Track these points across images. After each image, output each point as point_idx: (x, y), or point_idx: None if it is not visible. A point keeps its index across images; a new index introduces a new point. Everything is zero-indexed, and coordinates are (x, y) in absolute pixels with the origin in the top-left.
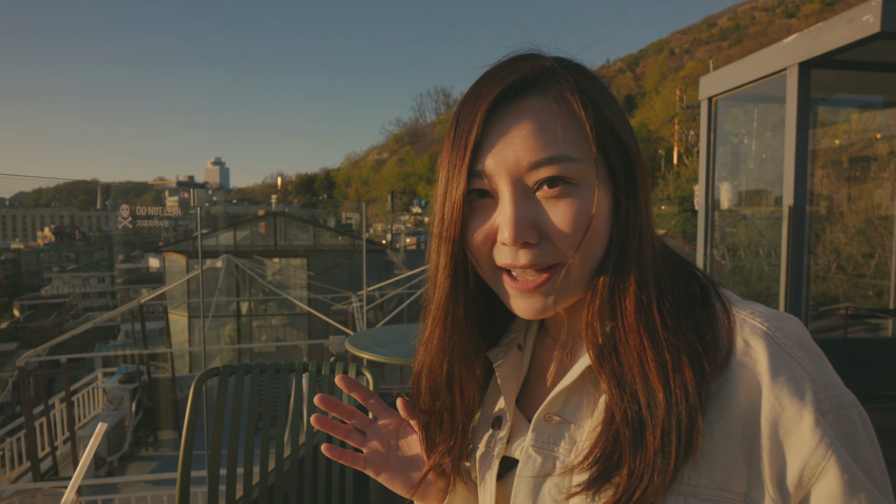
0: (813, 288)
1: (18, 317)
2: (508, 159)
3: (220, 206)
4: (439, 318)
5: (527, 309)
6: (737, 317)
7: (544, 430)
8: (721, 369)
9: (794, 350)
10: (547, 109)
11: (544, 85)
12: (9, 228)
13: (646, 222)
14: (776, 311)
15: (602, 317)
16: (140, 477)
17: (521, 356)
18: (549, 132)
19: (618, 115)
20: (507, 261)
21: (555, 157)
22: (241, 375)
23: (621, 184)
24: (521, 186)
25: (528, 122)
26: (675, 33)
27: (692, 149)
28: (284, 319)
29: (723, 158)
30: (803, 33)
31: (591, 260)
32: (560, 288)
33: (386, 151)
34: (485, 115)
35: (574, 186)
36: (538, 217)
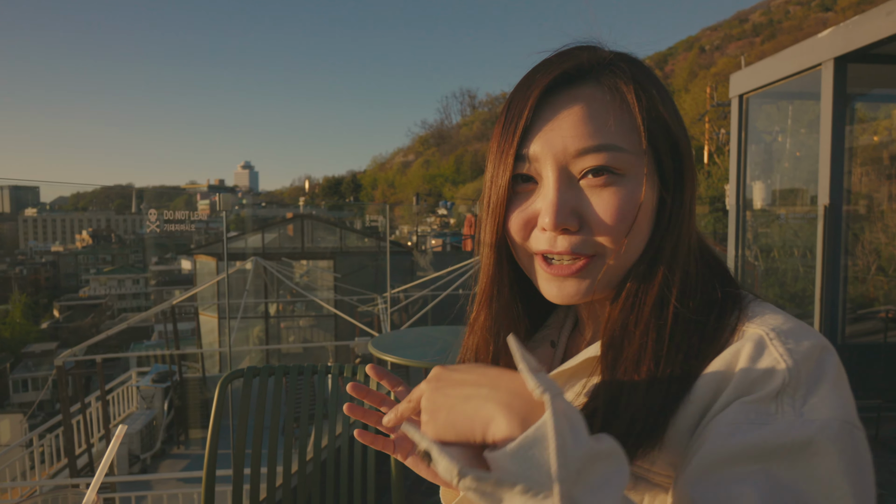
0: (851, 290)
1: (58, 317)
2: (556, 144)
3: (248, 209)
4: (485, 301)
5: (559, 294)
6: (745, 331)
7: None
8: (700, 370)
9: (787, 357)
10: (600, 98)
11: (599, 75)
12: (49, 232)
13: (687, 222)
14: (804, 325)
15: (623, 308)
16: (171, 475)
17: (554, 353)
18: (600, 120)
19: (671, 112)
20: (545, 246)
21: (603, 145)
22: (265, 377)
23: (668, 181)
24: (566, 173)
25: (579, 109)
26: (706, 30)
27: (723, 147)
28: (311, 321)
29: (756, 157)
30: (839, 27)
31: (629, 255)
32: (595, 278)
33: (412, 153)
34: (536, 100)
35: (620, 177)
36: (580, 205)
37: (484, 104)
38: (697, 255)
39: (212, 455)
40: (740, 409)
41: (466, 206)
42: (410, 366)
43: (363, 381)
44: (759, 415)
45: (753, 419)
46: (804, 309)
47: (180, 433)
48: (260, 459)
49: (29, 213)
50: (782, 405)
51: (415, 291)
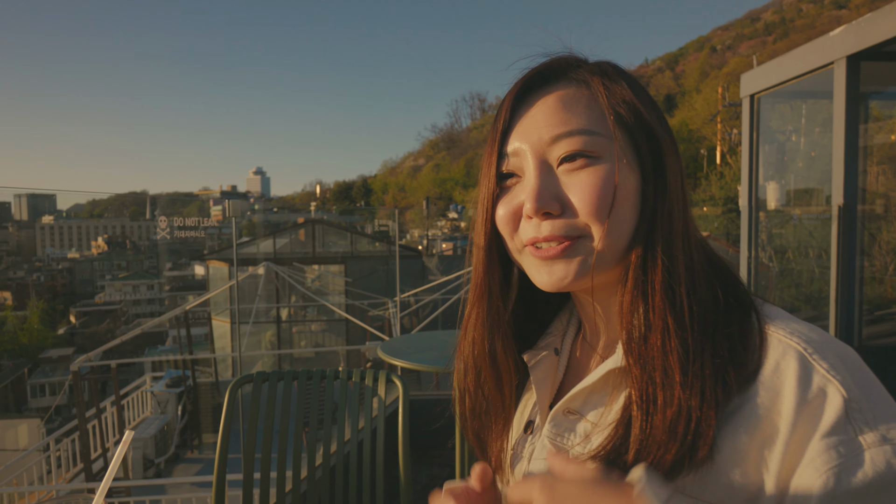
0: (868, 291)
1: (75, 323)
2: (532, 137)
3: (260, 215)
4: (476, 298)
5: (549, 278)
6: (773, 335)
7: (561, 424)
8: (745, 385)
9: (833, 372)
10: (570, 91)
11: (568, 72)
12: (65, 238)
13: (678, 206)
14: (825, 333)
15: (635, 297)
16: (185, 479)
17: (558, 361)
18: (571, 109)
19: (644, 100)
20: (532, 234)
21: (575, 130)
22: (274, 382)
23: (647, 164)
24: (545, 162)
25: (551, 101)
26: (717, 29)
27: (736, 148)
28: (323, 325)
29: (769, 157)
30: (851, 25)
31: (614, 235)
32: (583, 260)
33: (422, 157)
34: (512, 102)
35: (596, 159)
36: (559, 189)
37: (493, 107)
38: (701, 253)
39: (222, 460)
40: (827, 448)
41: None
42: (420, 370)
43: (371, 386)
44: (848, 447)
45: (845, 453)
46: (820, 310)
47: (194, 437)
48: (270, 464)
49: (46, 221)
50: (858, 426)
51: (425, 295)
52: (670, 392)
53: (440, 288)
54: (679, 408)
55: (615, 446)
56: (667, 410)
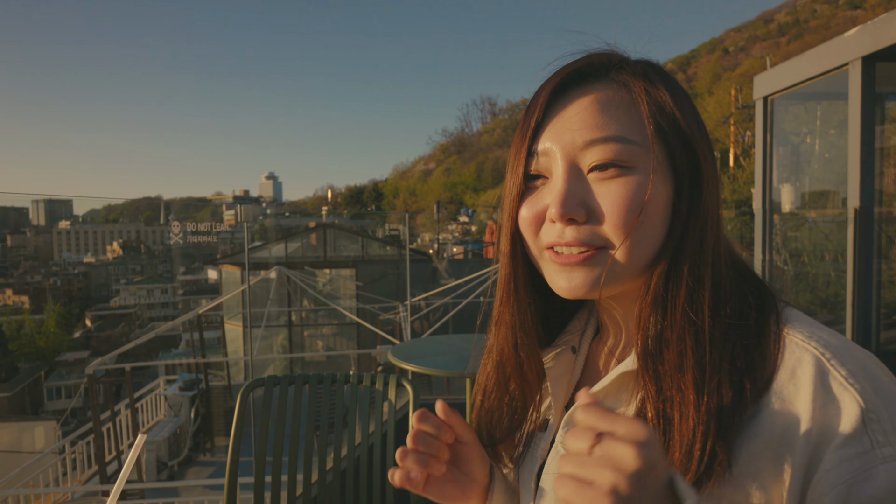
0: (886, 295)
1: (90, 326)
2: (565, 138)
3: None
4: (504, 298)
5: (567, 285)
6: (789, 339)
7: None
8: (760, 394)
9: (851, 380)
10: (609, 94)
11: (609, 72)
12: (81, 243)
13: (711, 222)
14: (844, 339)
15: (654, 311)
16: (198, 482)
17: (574, 360)
18: (608, 114)
19: (685, 109)
20: (553, 238)
21: (611, 136)
22: (285, 386)
23: (683, 177)
24: (575, 166)
25: (588, 103)
26: (730, 31)
27: (749, 150)
28: (334, 329)
29: (783, 159)
30: (866, 25)
31: (640, 249)
32: (603, 271)
33: (433, 161)
34: (547, 97)
35: (629, 170)
36: (587, 196)
37: (504, 111)
38: (728, 261)
39: (234, 463)
40: (841, 460)
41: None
42: (431, 374)
43: (382, 390)
44: (863, 460)
45: (860, 466)
46: (836, 314)
47: (206, 441)
48: (281, 468)
49: (63, 226)
50: (875, 437)
51: (436, 299)
52: (686, 411)
53: (451, 292)
54: (694, 431)
55: None
56: (683, 432)
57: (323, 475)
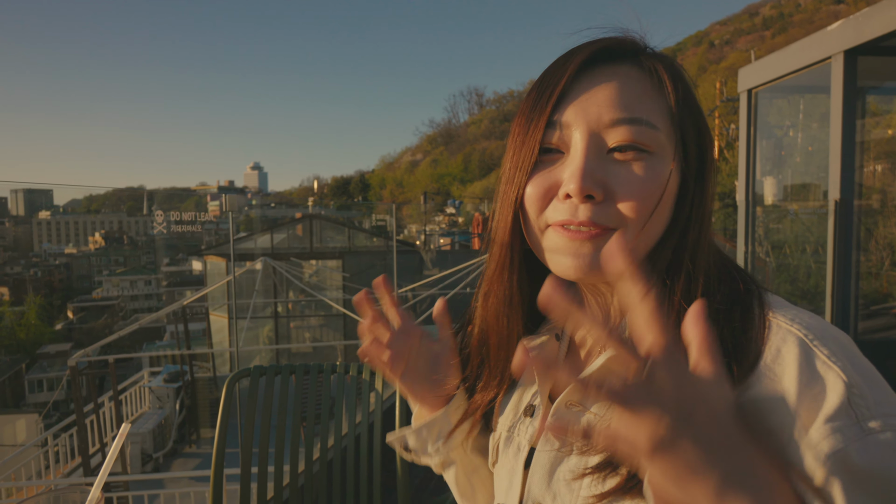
0: (864, 285)
1: (72, 318)
2: (590, 113)
3: (258, 210)
4: (498, 271)
5: (573, 262)
6: (772, 322)
7: (564, 417)
8: (746, 374)
9: (834, 359)
10: (637, 77)
11: (638, 56)
12: (62, 234)
13: (708, 213)
14: (824, 321)
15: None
16: (184, 473)
17: (559, 347)
18: (636, 96)
19: (698, 105)
20: (565, 216)
21: (637, 118)
22: (271, 376)
23: (692, 168)
24: (597, 142)
25: (618, 83)
26: (715, 24)
27: (733, 143)
28: (321, 320)
29: (766, 152)
30: (848, 19)
31: (649, 235)
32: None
33: (420, 153)
34: (577, 67)
35: (649, 155)
36: (607, 175)
37: (491, 102)
38: (713, 249)
39: (220, 454)
40: (830, 432)
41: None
42: None
43: (368, 380)
44: (850, 432)
45: (849, 436)
46: (816, 305)
47: (192, 432)
48: (267, 458)
49: (43, 216)
50: (860, 412)
51: (422, 290)
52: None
53: (438, 283)
54: None
55: None
56: None
57: (310, 465)
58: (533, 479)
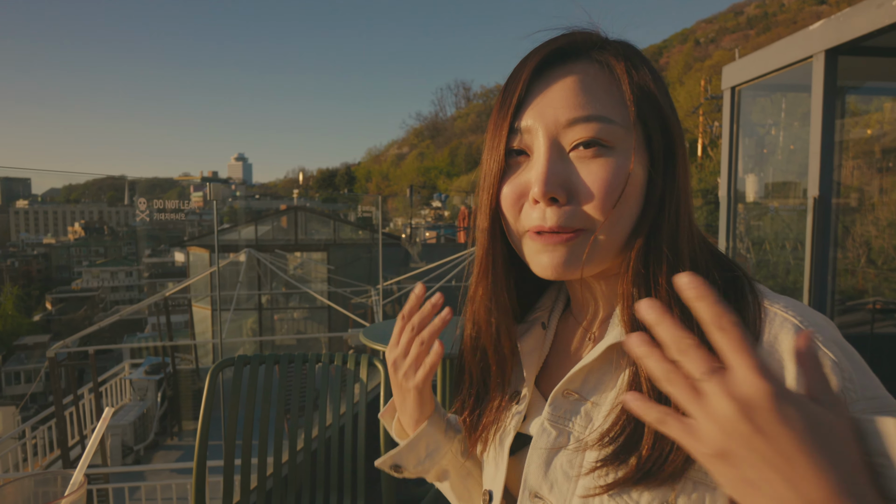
0: (841, 282)
1: (50, 309)
2: (547, 116)
3: (242, 201)
4: (481, 274)
5: (549, 263)
6: (769, 309)
7: (561, 406)
8: None
9: (827, 345)
10: (591, 73)
11: (591, 52)
12: (41, 224)
13: (682, 202)
14: (814, 310)
15: (636, 286)
16: (165, 465)
17: (545, 335)
18: (591, 93)
19: (663, 93)
20: (536, 222)
21: (593, 115)
22: (255, 366)
23: (658, 157)
24: (557, 144)
25: (571, 82)
26: (701, 22)
27: (717, 140)
28: (305, 313)
29: (749, 149)
30: (830, 19)
31: (618, 228)
32: (584, 251)
33: (406, 146)
34: (530, 74)
35: (609, 149)
36: (569, 176)
37: (479, 96)
38: (702, 241)
39: (202, 444)
40: None
41: (461, 198)
42: None
43: (353, 370)
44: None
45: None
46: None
47: (174, 424)
48: (251, 450)
49: (20, 205)
50: (849, 394)
51: (408, 283)
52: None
53: (423, 276)
54: None
55: (626, 433)
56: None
57: (293, 455)
58: (529, 469)
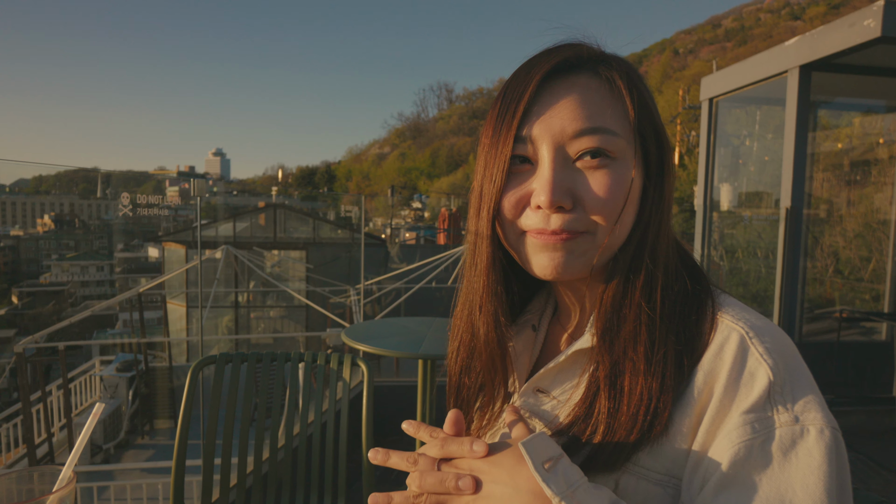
0: (810, 290)
1: (17, 304)
2: (554, 126)
3: (220, 197)
4: (483, 282)
5: (550, 263)
6: (721, 319)
7: (529, 401)
8: (692, 367)
9: (766, 356)
10: (596, 87)
11: (595, 66)
12: (8, 215)
13: (667, 213)
14: (769, 322)
15: (616, 294)
16: (136, 465)
17: (535, 337)
18: (596, 106)
19: (655, 108)
20: (539, 225)
21: (599, 128)
22: (237, 364)
23: (652, 170)
24: (563, 154)
25: (577, 95)
26: (680, 33)
27: (693, 150)
28: (282, 311)
29: (724, 160)
30: (804, 36)
31: (619, 236)
32: (584, 254)
33: (387, 145)
34: (538, 84)
35: (613, 160)
36: (575, 184)
37: (461, 98)
38: (675, 248)
39: (182, 440)
40: (744, 422)
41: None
42: (383, 355)
43: (337, 369)
44: (763, 424)
45: (759, 429)
46: (765, 308)
47: (145, 423)
48: (231, 448)
49: None
50: (776, 406)
51: (388, 283)
52: (635, 379)
53: (403, 276)
54: (641, 394)
55: (579, 423)
56: (631, 396)
57: (274, 453)
58: None
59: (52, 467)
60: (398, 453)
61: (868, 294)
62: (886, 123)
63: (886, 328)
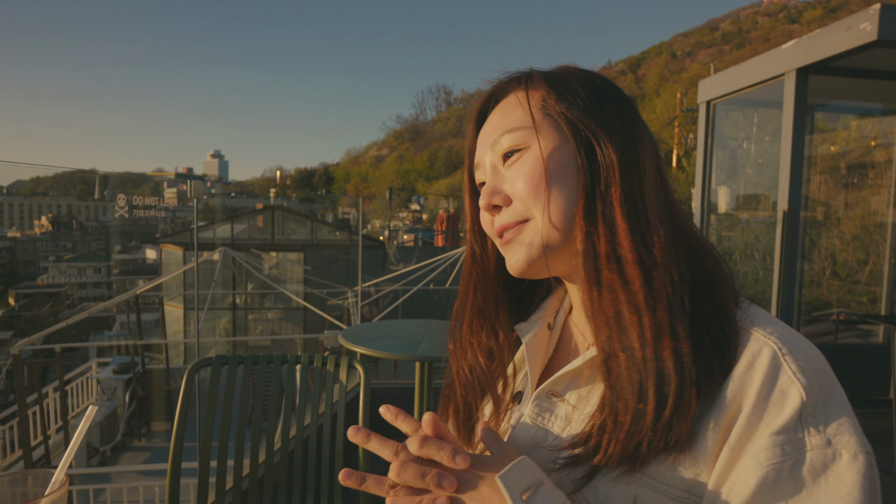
0: (807, 293)
1: (13, 305)
2: (485, 148)
3: (218, 199)
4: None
5: (512, 261)
6: (753, 333)
7: (543, 405)
8: (722, 380)
9: (799, 374)
10: (511, 101)
11: (507, 90)
12: (5, 216)
13: (634, 180)
14: (802, 337)
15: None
16: (132, 467)
17: (550, 336)
18: (506, 116)
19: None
20: (491, 230)
21: (507, 129)
22: (233, 366)
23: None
24: (493, 165)
25: (494, 116)
26: (677, 36)
27: (691, 152)
28: (280, 313)
29: (721, 162)
30: (801, 39)
31: (554, 211)
32: (532, 241)
33: (386, 148)
34: (475, 126)
35: (525, 150)
36: (503, 183)
37: (459, 101)
38: (701, 247)
39: (178, 443)
40: (773, 444)
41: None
42: (382, 357)
43: (334, 371)
44: (793, 447)
45: (789, 452)
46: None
47: (142, 425)
48: (227, 451)
49: None
50: (808, 428)
51: (386, 286)
52: (649, 385)
53: (401, 278)
54: (659, 402)
55: (594, 435)
56: (646, 403)
57: (271, 455)
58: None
59: (45, 470)
60: (380, 438)
61: (865, 296)
62: (882, 126)
63: (883, 331)
